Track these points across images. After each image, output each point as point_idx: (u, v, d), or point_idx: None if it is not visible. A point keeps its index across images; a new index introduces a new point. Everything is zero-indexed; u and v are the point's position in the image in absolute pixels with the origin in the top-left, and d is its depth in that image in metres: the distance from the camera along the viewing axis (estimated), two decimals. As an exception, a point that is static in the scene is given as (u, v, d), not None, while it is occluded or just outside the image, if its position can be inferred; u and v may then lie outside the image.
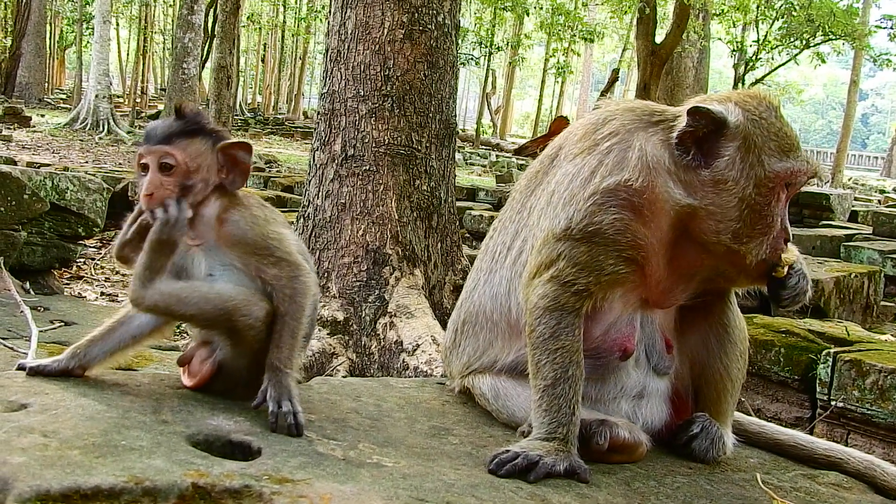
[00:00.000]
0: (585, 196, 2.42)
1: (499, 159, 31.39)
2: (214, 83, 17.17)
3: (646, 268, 2.48)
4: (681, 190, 2.42)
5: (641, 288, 2.54)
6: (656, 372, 2.67)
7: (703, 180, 2.41)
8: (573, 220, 2.42)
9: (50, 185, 6.67)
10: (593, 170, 2.45)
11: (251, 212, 2.47)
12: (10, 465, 1.76)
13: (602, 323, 2.56)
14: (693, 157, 2.41)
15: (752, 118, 2.41)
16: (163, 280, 2.35)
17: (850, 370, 4.71)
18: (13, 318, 5.07)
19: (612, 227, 2.40)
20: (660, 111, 2.56)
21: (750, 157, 2.39)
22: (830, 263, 8.27)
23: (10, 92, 37.90)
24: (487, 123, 48.66)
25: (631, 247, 2.43)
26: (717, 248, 2.46)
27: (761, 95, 2.51)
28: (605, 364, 2.58)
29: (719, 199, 2.40)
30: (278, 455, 2.09)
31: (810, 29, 25.84)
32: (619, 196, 2.40)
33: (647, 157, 2.43)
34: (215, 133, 2.49)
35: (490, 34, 39.27)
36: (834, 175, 33.33)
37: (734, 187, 2.39)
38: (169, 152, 2.43)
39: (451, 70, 6.06)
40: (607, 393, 2.62)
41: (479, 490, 2.10)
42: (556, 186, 2.53)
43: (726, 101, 2.45)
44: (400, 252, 5.73)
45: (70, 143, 23.15)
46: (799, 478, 2.67)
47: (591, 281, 2.43)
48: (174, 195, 2.41)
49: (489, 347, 2.77)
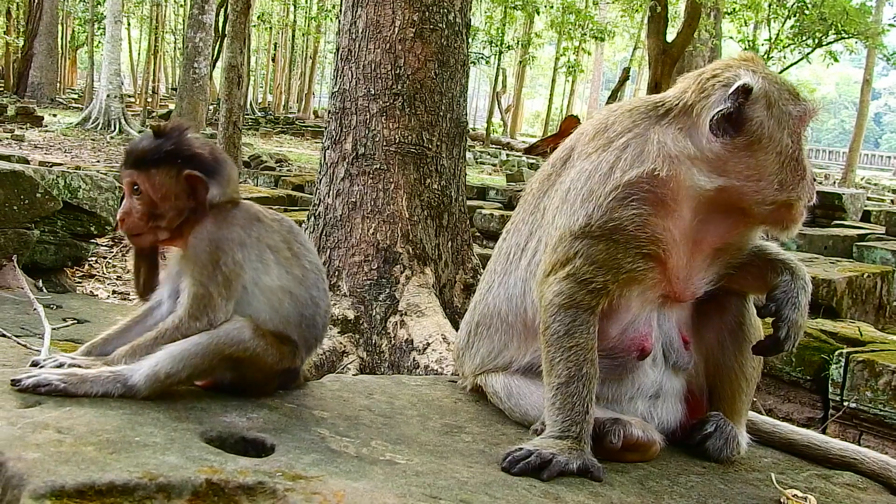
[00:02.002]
0: (606, 192, 2.41)
1: (509, 158, 31.36)
2: (225, 82, 17.17)
3: (667, 262, 2.47)
4: (705, 175, 2.42)
5: (661, 283, 2.52)
6: (675, 369, 2.66)
7: (737, 147, 2.41)
8: (593, 216, 2.41)
9: (62, 184, 6.69)
10: (612, 165, 2.44)
11: (221, 232, 2.43)
12: (24, 461, 1.76)
13: (619, 322, 2.55)
14: (724, 131, 2.41)
15: (763, 77, 2.46)
16: (147, 357, 2.32)
17: (862, 370, 4.69)
18: (26, 315, 5.09)
19: (633, 223, 2.39)
20: (660, 101, 2.55)
21: (775, 111, 2.44)
22: (843, 263, 8.23)
23: (22, 92, 38.08)
24: (498, 122, 48.67)
25: (651, 242, 2.42)
26: (761, 210, 2.46)
27: (752, 56, 2.59)
28: (622, 364, 2.57)
29: (755, 161, 2.42)
30: (292, 452, 2.10)
31: (823, 27, 25.74)
32: (641, 189, 2.39)
33: (667, 147, 2.43)
34: (186, 158, 2.44)
35: (500, 33, 39.21)
36: (846, 174, 33.18)
37: (769, 143, 2.42)
38: (135, 179, 2.44)
39: (462, 69, 6.06)
40: (624, 393, 2.61)
41: (492, 488, 2.10)
42: (572, 184, 2.51)
43: (736, 69, 2.47)
44: (410, 251, 5.72)
45: (82, 143, 23.24)
46: (813, 478, 2.66)
47: (609, 279, 2.42)
48: (142, 223, 2.45)
49: (504, 349, 2.76)
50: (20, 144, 20.73)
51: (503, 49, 40.00)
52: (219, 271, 2.39)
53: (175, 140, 2.47)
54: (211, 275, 2.39)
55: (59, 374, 2.25)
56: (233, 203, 2.53)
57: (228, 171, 2.54)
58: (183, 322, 2.37)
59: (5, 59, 42.53)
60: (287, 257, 2.54)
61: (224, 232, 2.44)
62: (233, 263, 2.42)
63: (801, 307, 2.54)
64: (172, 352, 2.30)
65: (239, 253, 2.43)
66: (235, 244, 2.44)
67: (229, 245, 2.43)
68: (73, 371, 2.29)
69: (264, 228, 2.53)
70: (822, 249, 10.19)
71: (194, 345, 2.32)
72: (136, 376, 2.26)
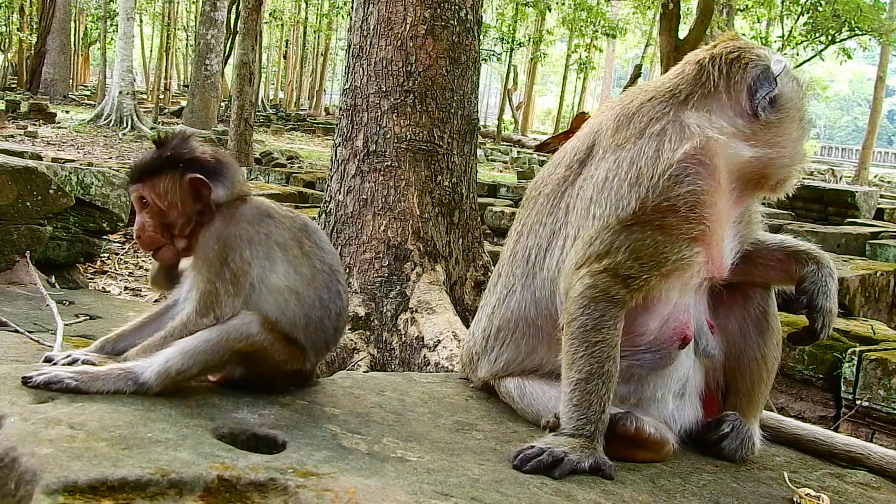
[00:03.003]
0: (660, 171, 2.40)
1: (520, 155, 31.31)
2: (237, 79, 17.24)
3: (711, 242, 2.48)
4: (743, 146, 2.51)
5: (706, 266, 2.52)
6: (704, 355, 2.65)
7: (770, 122, 2.53)
8: (648, 197, 2.40)
9: (75, 181, 6.72)
10: (657, 148, 2.44)
11: (228, 230, 2.44)
12: (37, 457, 1.77)
13: (659, 314, 2.52)
14: (764, 109, 2.52)
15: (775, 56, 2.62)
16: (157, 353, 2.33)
17: (875, 369, 4.67)
18: (39, 311, 5.12)
19: (685, 203, 2.40)
20: (673, 87, 2.58)
21: (795, 85, 2.61)
22: (856, 261, 8.19)
23: (35, 88, 38.23)
24: (509, 119, 48.56)
25: (699, 222, 2.42)
26: (780, 174, 2.60)
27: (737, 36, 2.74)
28: (664, 356, 2.54)
29: (784, 130, 2.55)
30: (303, 449, 2.10)
31: (836, 24, 25.61)
32: (694, 162, 2.42)
33: (705, 126, 2.47)
34: (187, 163, 2.45)
35: (512, 30, 39.15)
36: (859, 172, 32.99)
37: (797, 114, 2.59)
38: (141, 192, 2.46)
39: (473, 66, 6.05)
40: (658, 390, 2.58)
41: (503, 485, 2.10)
42: (611, 173, 2.48)
43: (751, 51, 2.61)
44: (421, 248, 5.73)
45: (94, 140, 23.33)
46: (826, 476, 2.65)
47: (652, 275, 2.41)
48: (158, 236, 2.47)
49: (532, 352, 2.71)
50: (33, 141, 20.83)
51: (514, 46, 39.95)
52: (226, 268, 2.39)
53: (174, 146, 2.48)
54: (218, 272, 2.39)
55: (71, 371, 2.26)
56: (241, 200, 2.52)
57: (232, 170, 2.53)
58: (190, 319, 2.38)
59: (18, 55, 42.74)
60: (296, 255, 2.50)
61: (231, 229, 2.44)
62: (241, 261, 2.41)
63: (831, 294, 2.59)
64: (183, 348, 2.30)
65: (247, 250, 2.43)
66: (243, 241, 2.43)
67: (237, 242, 2.43)
68: (85, 369, 2.29)
69: (274, 224, 2.51)
70: (835, 247, 10.13)
71: (203, 341, 2.32)
72: (147, 373, 2.27)
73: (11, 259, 5.98)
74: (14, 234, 6.00)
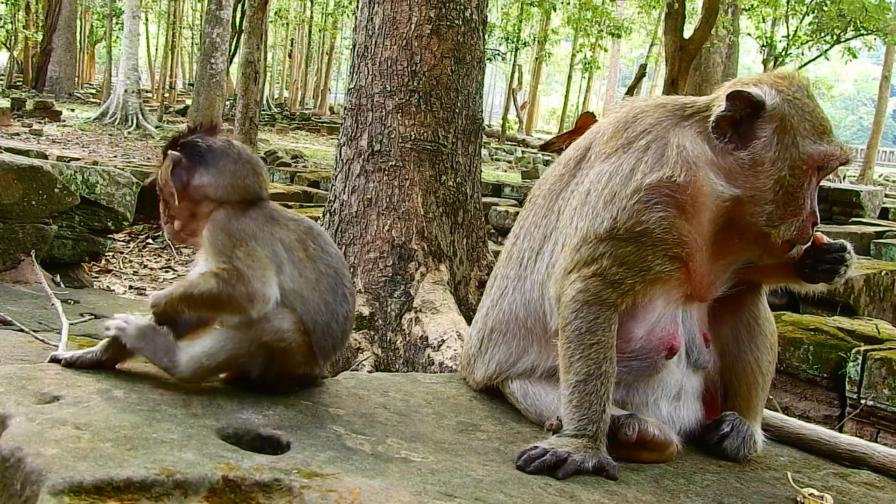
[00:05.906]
0: (628, 193, 2.39)
1: (524, 155, 31.31)
2: (242, 78, 17.24)
3: (689, 264, 2.46)
4: (723, 181, 2.41)
5: (686, 284, 2.51)
6: (696, 367, 2.65)
7: (742, 163, 2.41)
8: (619, 219, 2.39)
9: (80, 179, 6.74)
10: (633, 167, 2.42)
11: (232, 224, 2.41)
12: (43, 457, 1.78)
13: (645, 322, 2.52)
14: (730, 139, 2.41)
15: (787, 99, 2.41)
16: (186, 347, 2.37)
17: (880, 368, 4.66)
18: (44, 310, 5.13)
19: (659, 226, 2.38)
20: (690, 103, 2.54)
21: (786, 139, 2.40)
22: (860, 261, 8.17)
23: (40, 86, 38.27)
24: (513, 119, 48.49)
25: (676, 244, 2.41)
26: (748, 231, 2.46)
27: (792, 76, 2.51)
28: (651, 364, 2.54)
29: (756, 182, 2.40)
30: (307, 449, 2.10)
31: (841, 24, 25.55)
32: (662, 192, 2.38)
33: (686, 151, 2.41)
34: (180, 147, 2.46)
35: (517, 29, 39.10)
36: (864, 171, 32.93)
37: (770, 168, 2.39)
38: (156, 181, 2.52)
39: (478, 65, 6.05)
40: (650, 395, 2.59)
41: (507, 486, 2.10)
42: (592, 185, 2.48)
43: (761, 84, 2.44)
44: (425, 247, 5.73)
45: (99, 138, 23.35)
46: (830, 476, 2.65)
47: (637, 280, 2.41)
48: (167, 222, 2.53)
49: (524, 354, 2.72)
50: (38, 139, 20.87)
51: (519, 45, 39.89)
52: (239, 249, 2.36)
53: (187, 133, 2.49)
54: (230, 255, 2.34)
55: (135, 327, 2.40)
56: (247, 203, 2.50)
57: (226, 163, 2.48)
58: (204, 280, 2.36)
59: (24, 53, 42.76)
60: (301, 258, 2.46)
61: (234, 223, 2.41)
62: (251, 248, 2.38)
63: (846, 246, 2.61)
64: (216, 338, 2.36)
65: (252, 242, 2.39)
66: (248, 236, 2.40)
67: (242, 235, 2.39)
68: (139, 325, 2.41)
69: (278, 226, 2.48)
70: (840, 247, 10.09)
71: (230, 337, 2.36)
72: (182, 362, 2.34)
73: (17, 258, 6.00)
74: (19, 233, 6.02)
